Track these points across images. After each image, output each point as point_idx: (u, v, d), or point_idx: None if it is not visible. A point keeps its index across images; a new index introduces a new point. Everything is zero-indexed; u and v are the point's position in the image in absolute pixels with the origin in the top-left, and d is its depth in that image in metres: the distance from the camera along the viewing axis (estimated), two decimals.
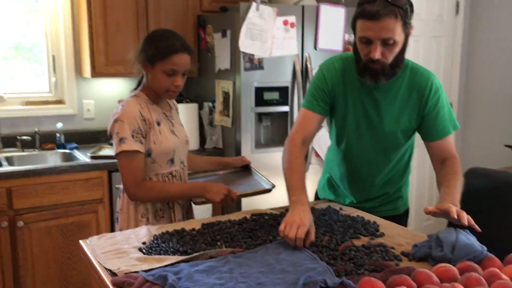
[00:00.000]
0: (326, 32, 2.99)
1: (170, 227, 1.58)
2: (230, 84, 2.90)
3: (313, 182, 2.99)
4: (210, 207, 2.95)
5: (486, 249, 1.22)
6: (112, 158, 2.62)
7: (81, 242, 1.48)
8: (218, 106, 3.04)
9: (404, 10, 1.52)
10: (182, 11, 3.15)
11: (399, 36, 1.54)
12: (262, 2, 2.81)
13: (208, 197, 1.74)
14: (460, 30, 3.83)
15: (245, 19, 2.75)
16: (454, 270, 1.10)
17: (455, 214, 1.31)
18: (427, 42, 3.73)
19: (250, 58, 2.80)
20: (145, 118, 1.73)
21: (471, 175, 1.79)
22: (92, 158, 2.75)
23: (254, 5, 2.75)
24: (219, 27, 2.99)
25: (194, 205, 1.87)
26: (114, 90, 3.24)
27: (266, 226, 1.59)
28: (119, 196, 1.85)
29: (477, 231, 1.30)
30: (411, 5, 1.56)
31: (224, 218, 1.69)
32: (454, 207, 1.33)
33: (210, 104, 3.14)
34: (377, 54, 1.54)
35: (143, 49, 1.73)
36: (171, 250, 1.37)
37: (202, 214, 2.88)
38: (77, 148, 3.04)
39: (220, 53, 3.00)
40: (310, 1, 3.11)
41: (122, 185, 1.78)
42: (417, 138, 1.80)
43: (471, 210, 1.76)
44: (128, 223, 1.78)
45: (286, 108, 2.97)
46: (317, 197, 2.06)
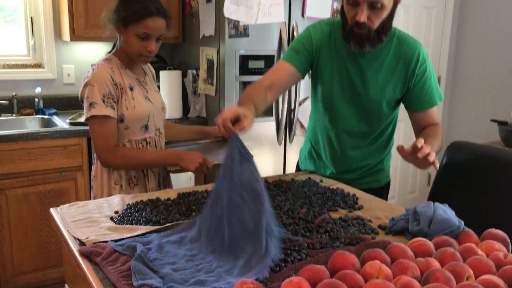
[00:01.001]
0: (315, 2, 2.91)
1: (145, 196, 1.55)
2: (215, 51, 2.83)
3: (297, 154, 2.98)
4: (193, 177, 2.92)
5: (463, 223, 1.20)
6: None
7: (51, 210, 1.44)
8: (202, 74, 2.97)
9: None
10: None
11: (387, 0, 1.50)
12: None
13: (182, 165, 1.71)
14: (451, 1, 3.76)
15: None
16: (430, 244, 1.08)
17: (420, 143, 1.29)
18: (418, 12, 3.66)
19: (235, 24, 2.73)
20: (116, 82, 1.68)
21: (454, 149, 1.77)
22: (71, 124, 2.69)
23: None
24: None
25: (174, 174, 1.84)
26: (95, 54, 3.14)
27: None
28: (94, 162, 1.81)
29: (453, 208, 1.28)
30: None
31: (201, 188, 1.65)
32: (422, 140, 1.31)
33: (194, 72, 3.08)
34: (362, 17, 1.50)
35: (117, 9, 1.67)
36: (144, 220, 1.34)
37: (184, 183, 2.86)
38: (56, 114, 2.98)
39: (204, 19, 2.91)
40: None
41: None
42: (402, 112, 1.77)
43: (452, 184, 1.75)
44: (101, 190, 1.76)
45: None
46: (298, 168, 2.04)
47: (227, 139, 2.05)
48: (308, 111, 2.96)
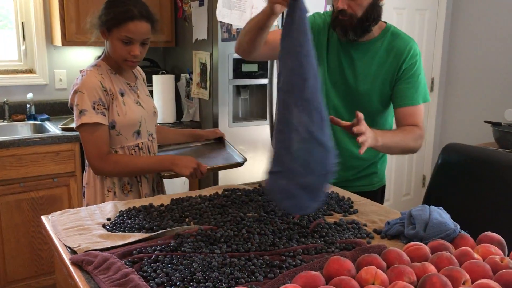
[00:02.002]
0: (308, 2, 2.91)
1: (138, 203, 1.53)
2: (207, 55, 2.82)
3: None
4: (187, 182, 2.91)
5: (459, 227, 1.20)
6: None
7: (42, 217, 1.43)
8: (195, 78, 2.96)
9: None
10: None
11: None
12: None
13: (176, 170, 1.69)
14: (443, 3, 3.78)
15: None
16: (425, 248, 1.08)
17: (358, 120, 1.32)
18: (410, 15, 3.67)
19: (228, 28, 2.72)
20: (106, 88, 1.66)
21: (448, 151, 1.77)
22: (63, 130, 2.67)
23: None
24: None
25: (166, 179, 1.82)
26: (87, 59, 3.13)
27: (237, 202, 1.55)
28: (86, 170, 1.79)
29: (449, 211, 1.27)
30: None
31: (194, 193, 1.64)
32: (363, 123, 1.34)
33: (187, 76, 3.07)
34: (340, 3, 1.53)
35: (100, 14, 1.65)
36: (136, 226, 1.32)
37: (178, 188, 2.84)
38: (48, 119, 2.95)
39: (197, 22, 2.90)
40: None
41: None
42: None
43: (447, 186, 1.74)
44: (95, 198, 1.74)
45: (265, 81, 2.91)
46: None
47: (220, 142, 2.05)
48: None
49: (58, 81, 3.11)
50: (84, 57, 3.13)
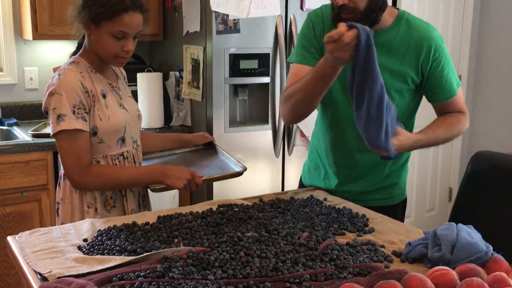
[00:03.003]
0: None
1: (119, 221, 1.53)
2: (200, 50, 2.83)
3: (297, 167, 2.98)
4: (177, 195, 2.90)
5: (491, 248, 1.20)
6: None
7: (8, 238, 1.42)
8: (186, 76, 2.97)
9: None
10: None
11: None
12: None
13: (168, 183, 1.69)
14: None
15: None
16: (453, 274, 1.07)
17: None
18: (434, 6, 3.68)
19: (224, 19, 2.73)
20: (87, 89, 1.66)
21: (478, 160, 1.77)
22: (34, 136, 2.67)
23: None
24: None
25: (152, 192, 1.82)
26: (62, 55, 3.11)
27: (234, 219, 1.54)
28: (59, 184, 1.78)
29: (480, 229, 1.27)
30: None
31: (185, 209, 1.64)
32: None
33: (177, 73, 3.07)
34: None
35: (86, 5, 1.65)
36: (117, 248, 1.32)
37: (167, 203, 2.83)
38: (16, 124, 2.95)
39: (188, 13, 2.91)
40: None
41: (62, 170, 1.71)
42: (418, 115, 1.79)
43: (477, 200, 1.74)
44: (72, 216, 1.73)
45: (266, 79, 2.91)
46: (302, 184, 2.03)
47: (211, 148, 2.06)
48: (310, 118, 2.96)
49: (29, 80, 3.11)
50: (58, 52, 3.13)
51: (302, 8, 2.91)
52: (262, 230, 1.46)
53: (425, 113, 1.92)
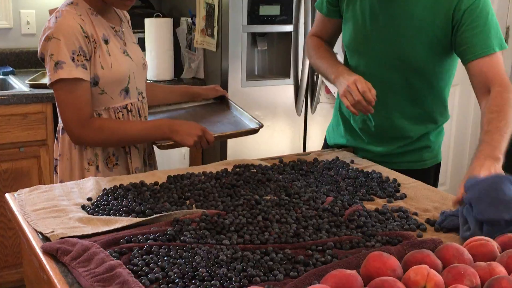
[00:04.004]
0: None
1: (126, 180, 1.55)
2: None
3: (321, 127, 2.98)
4: (187, 154, 2.93)
5: None
6: None
7: (7, 196, 1.45)
8: (200, 23, 2.95)
9: None
10: None
11: None
12: None
13: (177, 139, 1.70)
14: None
15: None
16: (493, 245, 1.07)
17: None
18: None
19: None
20: (88, 34, 1.66)
21: None
22: (32, 86, 2.69)
23: None
24: None
25: (159, 150, 1.84)
26: None
27: (251, 181, 1.56)
28: (57, 138, 1.80)
29: None
30: None
31: (197, 169, 1.65)
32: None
33: (189, 20, 3.05)
34: None
35: None
36: (124, 209, 1.34)
37: (176, 163, 2.86)
38: (12, 73, 2.98)
39: None
40: None
41: (60, 124, 1.73)
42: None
43: None
44: (71, 173, 1.75)
45: (289, 27, 2.88)
46: (326, 145, 2.04)
47: (223, 102, 2.07)
48: None
49: (25, 24, 3.11)
50: None
51: None
52: (282, 193, 1.48)
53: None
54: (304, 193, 1.48)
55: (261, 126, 1.89)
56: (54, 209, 1.34)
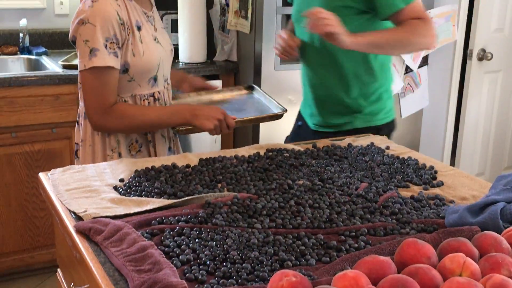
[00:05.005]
0: None
1: (158, 162, 1.57)
2: None
3: None
4: (219, 138, 2.94)
5: None
6: None
7: (40, 175, 1.49)
8: (233, 4, 2.95)
9: None
10: None
11: None
12: None
13: (197, 123, 1.70)
14: None
15: None
16: None
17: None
18: None
19: None
20: (123, 21, 1.66)
21: None
22: (64, 67, 2.73)
23: None
24: None
25: (182, 135, 1.85)
26: None
27: (284, 166, 1.57)
28: (78, 123, 1.81)
29: None
30: None
31: (229, 153, 1.67)
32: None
33: (223, 0, 3.05)
34: None
35: None
36: (156, 191, 1.37)
37: (207, 147, 2.88)
38: (45, 53, 3.02)
39: None
40: None
41: (81, 107, 1.75)
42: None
43: None
44: (93, 160, 1.76)
45: None
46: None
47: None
48: None
49: (59, 4, 3.15)
50: None
51: None
52: (315, 178, 1.49)
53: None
54: (337, 178, 1.49)
55: (284, 111, 1.88)
56: (86, 189, 1.37)
